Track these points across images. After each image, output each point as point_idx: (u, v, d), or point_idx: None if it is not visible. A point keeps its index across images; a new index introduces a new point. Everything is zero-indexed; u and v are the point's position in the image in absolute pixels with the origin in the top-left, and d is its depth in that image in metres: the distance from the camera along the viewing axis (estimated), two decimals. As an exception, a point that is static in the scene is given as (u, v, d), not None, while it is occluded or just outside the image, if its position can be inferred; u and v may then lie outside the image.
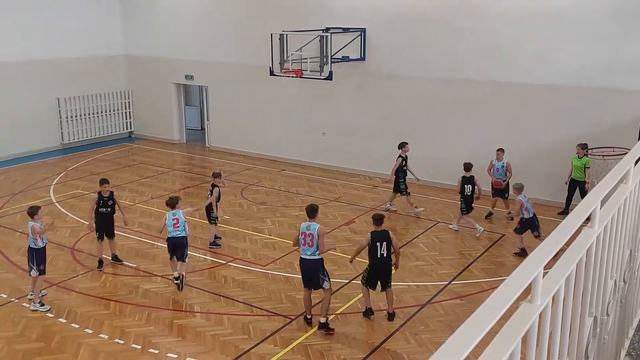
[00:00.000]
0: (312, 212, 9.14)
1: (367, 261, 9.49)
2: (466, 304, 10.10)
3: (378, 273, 9.34)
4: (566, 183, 14.11)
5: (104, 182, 11.44)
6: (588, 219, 2.69)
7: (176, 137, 22.37)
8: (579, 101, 14.37)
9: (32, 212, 9.83)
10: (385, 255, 9.24)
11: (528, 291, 1.93)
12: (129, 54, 22.59)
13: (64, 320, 9.45)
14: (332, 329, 9.08)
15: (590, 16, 13.96)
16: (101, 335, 9.02)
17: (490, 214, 14.33)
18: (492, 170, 14.18)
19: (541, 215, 14.34)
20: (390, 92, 17.06)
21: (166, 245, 10.57)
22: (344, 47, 16.58)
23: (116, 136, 22.57)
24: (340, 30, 17.00)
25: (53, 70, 20.34)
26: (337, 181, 17.16)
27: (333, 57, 15.60)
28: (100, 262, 11.35)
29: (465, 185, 13.10)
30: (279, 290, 10.50)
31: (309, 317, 9.35)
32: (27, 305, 9.90)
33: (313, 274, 8.98)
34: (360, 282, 9.71)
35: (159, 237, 12.90)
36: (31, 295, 9.96)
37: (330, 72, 15.27)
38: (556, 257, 2.20)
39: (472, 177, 13.15)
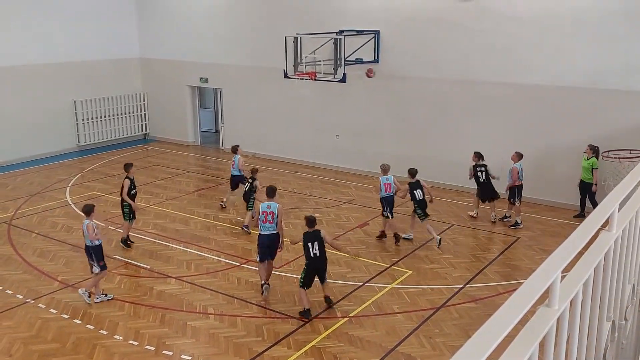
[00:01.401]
0: (271, 192, 10.47)
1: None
2: (481, 307, 10.04)
3: (313, 271, 9.83)
4: (578, 185, 14.01)
5: (130, 166, 12.53)
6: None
7: (191, 140, 22.48)
8: (594, 103, 14.23)
9: (88, 210, 10.05)
10: (318, 254, 9.73)
11: (544, 295, 1.91)
12: (144, 56, 22.76)
13: (79, 322, 9.52)
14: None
15: (604, 17, 13.82)
16: (116, 337, 9.07)
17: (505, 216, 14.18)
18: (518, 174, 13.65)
19: (557, 218, 14.27)
20: (404, 94, 17.02)
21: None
22: (357, 49, 16.57)
23: (131, 138, 22.74)
24: (354, 33, 16.99)
25: (70, 73, 20.55)
26: (351, 183, 17.14)
27: (347, 59, 15.60)
28: (126, 241, 12.47)
29: (415, 192, 12.58)
30: (292, 293, 10.49)
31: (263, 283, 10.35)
32: (42, 306, 9.98)
33: (273, 247, 10.26)
34: (298, 283, 9.98)
35: (173, 239, 12.98)
36: (85, 294, 10.06)
37: (344, 75, 15.27)
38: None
39: (417, 182, 12.60)
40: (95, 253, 10.01)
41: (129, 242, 12.55)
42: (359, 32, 17.02)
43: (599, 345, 2.66)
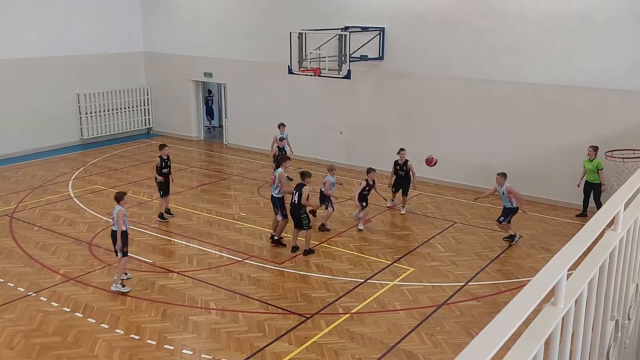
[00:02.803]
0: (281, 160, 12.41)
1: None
2: (482, 305, 10.03)
3: (291, 214, 11.85)
4: (578, 186, 13.97)
5: (163, 146, 13.89)
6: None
7: (194, 134, 22.48)
8: (599, 102, 14.19)
9: (119, 197, 10.27)
10: (295, 201, 11.59)
11: (548, 293, 1.90)
12: (148, 51, 22.75)
13: (80, 315, 9.53)
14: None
15: (610, 17, 13.77)
16: (117, 331, 9.08)
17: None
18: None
19: (560, 217, 14.25)
20: (409, 91, 16.99)
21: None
22: (362, 46, 16.54)
23: (135, 132, 22.74)
24: (359, 30, 16.96)
25: (74, 67, 20.55)
26: (354, 180, 17.11)
27: (351, 56, 15.57)
28: (162, 215, 13.69)
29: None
30: (294, 289, 10.50)
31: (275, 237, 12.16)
32: (43, 299, 10.00)
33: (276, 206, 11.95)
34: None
35: (175, 233, 12.99)
36: (119, 286, 10.31)
37: (349, 71, 15.24)
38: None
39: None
40: (122, 239, 10.21)
41: (165, 216, 13.75)
42: (364, 29, 16.99)
43: (602, 344, 2.65)
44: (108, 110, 21.77)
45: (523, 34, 14.90)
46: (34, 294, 10.20)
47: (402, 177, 14.34)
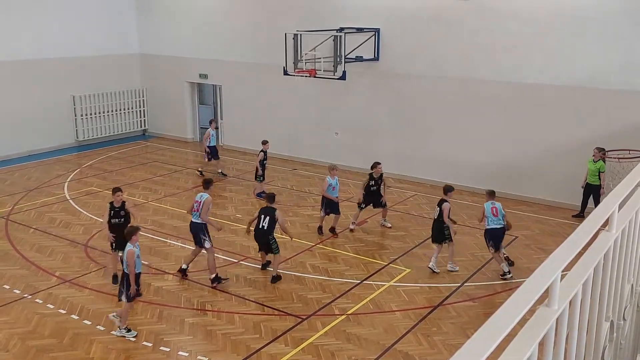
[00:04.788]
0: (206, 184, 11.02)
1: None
2: (479, 306, 10.04)
3: (257, 240, 10.87)
4: (582, 187, 13.94)
5: (116, 190, 10.58)
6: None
7: (189, 136, 22.45)
8: (594, 102, 14.22)
9: (131, 232, 8.92)
10: (265, 227, 10.64)
11: (543, 294, 1.90)
12: (143, 52, 22.71)
13: (76, 317, 9.51)
14: (225, 279, 10.73)
15: (605, 16, 13.81)
16: (113, 333, 9.05)
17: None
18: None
19: (556, 218, 14.28)
20: (404, 92, 17.00)
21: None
22: (357, 47, 16.54)
23: (130, 134, 22.70)
24: (354, 30, 16.96)
25: (69, 68, 20.50)
26: (349, 181, 17.12)
27: (347, 57, 15.58)
28: (115, 277, 10.47)
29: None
30: (290, 290, 10.49)
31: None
32: (39, 301, 9.97)
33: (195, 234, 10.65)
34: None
35: (171, 235, 12.96)
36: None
37: (344, 72, 15.24)
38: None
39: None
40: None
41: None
42: (359, 30, 17.00)
43: (597, 345, 2.65)
44: (103, 112, 21.72)
45: (517, 33, 14.93)
46: (30, 297, 10.17)
47: (374, 193, 13.31)
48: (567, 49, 14.37)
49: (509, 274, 10.90)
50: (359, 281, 10.87)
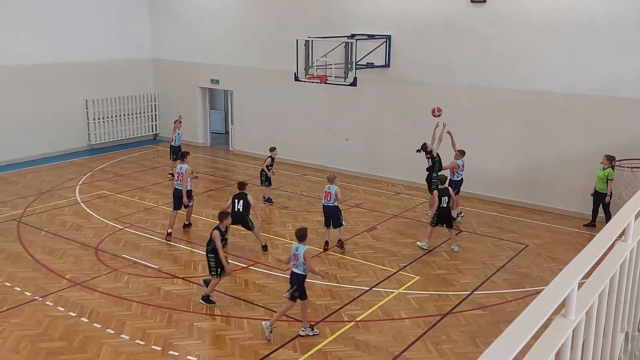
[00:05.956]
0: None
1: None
2: (488, 314, 9.98)
3: (235, 220, 11.75)
4: (592, 195, 13.86)
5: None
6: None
7: (200, 140, 22.54)
8: (607, 111, 14.14)
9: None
10: (240, 210, 12.00)
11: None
12: (156, 57, 22.86)
13: (86, 320, 9.54)
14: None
15: (617, 24, 13.74)
16: (122, 336, 9.08)
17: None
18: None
19: (567, 227, 14.18)
20: (415, 98, 16.98)
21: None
22: (368, 53, 16.56)
23: (142, 138, 22.83)
24: (366, 37, 16.99)
25: (82, 73, 20.67)
26: (360, 187, 17.12)
27: (358, 63, 15.60)
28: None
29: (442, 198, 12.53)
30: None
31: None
32: (50, 304, 10.02)
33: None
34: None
35: (181, 239, 12.99)
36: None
37: (355, 79, 15.26)
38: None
39: (447, 189, 12.56)
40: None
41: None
42: (371, 37, 17.03)
43: (612, 356, 2.63)
44: (116, 116, 21.87)
45: (529, 41, 14.89)
46: (41, 299, 10.22)
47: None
48: (579, 56, 14.30)
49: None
50: (368, 288, 10.84)
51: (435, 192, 12.48)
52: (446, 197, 12.33)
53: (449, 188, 12.77)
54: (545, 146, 15.03)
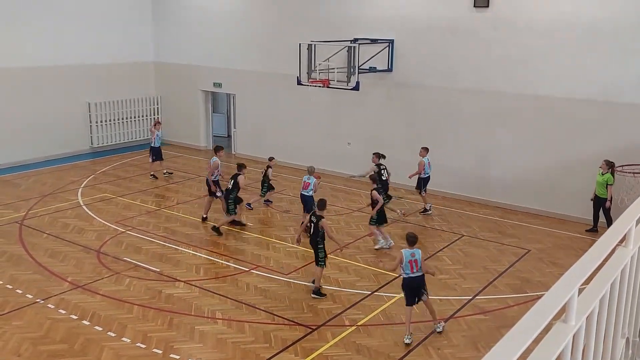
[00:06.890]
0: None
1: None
2: (490, 319, 9.97)
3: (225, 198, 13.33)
4: (592, 200, 13.86)
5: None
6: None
7: (203, 144, 22.57)
8: (608, 116, 14.13)
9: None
10: (230, 188, 13.35)
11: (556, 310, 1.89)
12: (158, 61, 22.91)
13: (87, 323, 9.55)
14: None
15: (620, 30, 13.74)
16: (124, 339, 9.08)
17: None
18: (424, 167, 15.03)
19: (569, 232, 14.16)
20: (417, 103, 17.00)
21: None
22: (371, 57, 16.58)
23: (144, 141, 22.81)
24: (368, 41, 17.02)
25: (84, 76, 20.72)
26: (361, 191, 17.11)
27: (360, 67, 15.62)
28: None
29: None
30: (300, 300, 10.47)
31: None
32: (51, 306, 10.03)
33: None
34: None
35: (183, 242, 13.00)
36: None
37: (357, 83, 15.28)
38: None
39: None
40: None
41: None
42: (373, 41, 17.05)
43: (613, 362, 2.63)
44: (118, 119, 21.91)
45: (531, 46, 14.90)
46: (42, 301, 10.23)
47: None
48: (581, 62, 14.31)
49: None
50: (369, 292, 10.84)
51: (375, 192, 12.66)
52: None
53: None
54: (548, 151, 15.02)
